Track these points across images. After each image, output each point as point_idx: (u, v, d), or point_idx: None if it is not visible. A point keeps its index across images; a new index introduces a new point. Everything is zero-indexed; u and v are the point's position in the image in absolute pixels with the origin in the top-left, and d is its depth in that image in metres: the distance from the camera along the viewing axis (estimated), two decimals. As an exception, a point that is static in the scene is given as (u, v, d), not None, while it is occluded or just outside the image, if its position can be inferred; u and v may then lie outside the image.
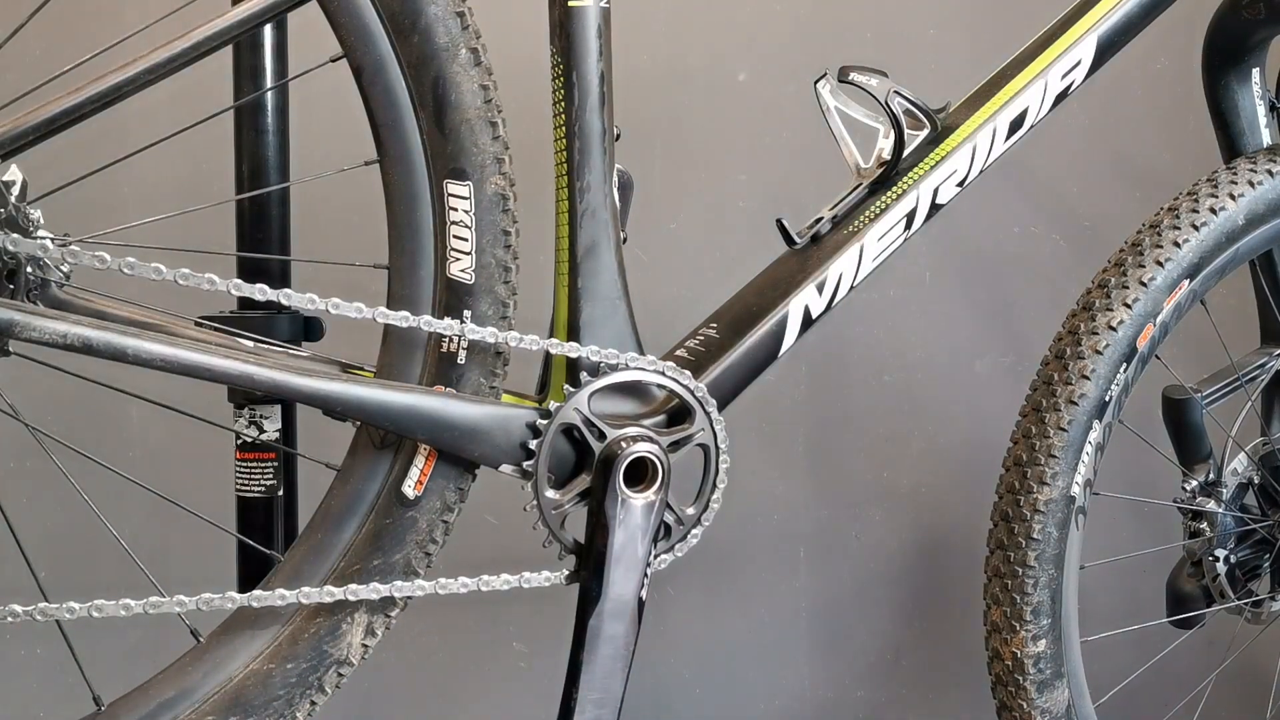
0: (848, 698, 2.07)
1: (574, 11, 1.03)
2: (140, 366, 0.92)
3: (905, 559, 2.07)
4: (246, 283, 0.97)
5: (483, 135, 1.01)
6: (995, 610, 1.30)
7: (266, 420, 1.34)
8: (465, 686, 1.98)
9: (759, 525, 2.01)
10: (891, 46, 1.98)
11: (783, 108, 1.93)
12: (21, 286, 0.96)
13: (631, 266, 1.08)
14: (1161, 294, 1.27)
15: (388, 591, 1.03)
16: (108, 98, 0.94)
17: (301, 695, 1.03)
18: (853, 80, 1.17)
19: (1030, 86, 1.21)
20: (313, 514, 1.06)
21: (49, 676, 1.80)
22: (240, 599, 1.00)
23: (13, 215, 0.95)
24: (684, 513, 1.10)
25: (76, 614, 0.96)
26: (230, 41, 0.99)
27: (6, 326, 0.89)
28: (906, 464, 2.05)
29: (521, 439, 1.04)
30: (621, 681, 1.07)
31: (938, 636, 2.07)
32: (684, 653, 2.01)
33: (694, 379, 1.09)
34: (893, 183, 1.18)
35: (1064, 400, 1.26)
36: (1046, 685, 1.29)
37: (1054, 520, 1.26)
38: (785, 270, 1.17)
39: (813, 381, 2.01)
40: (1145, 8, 1.25)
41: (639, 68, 1.89)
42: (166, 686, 1.02)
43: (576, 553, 1.08)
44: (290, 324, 1.33)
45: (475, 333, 1.01)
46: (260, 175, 1.37)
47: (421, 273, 1.02)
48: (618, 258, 1.07)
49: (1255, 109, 1.42)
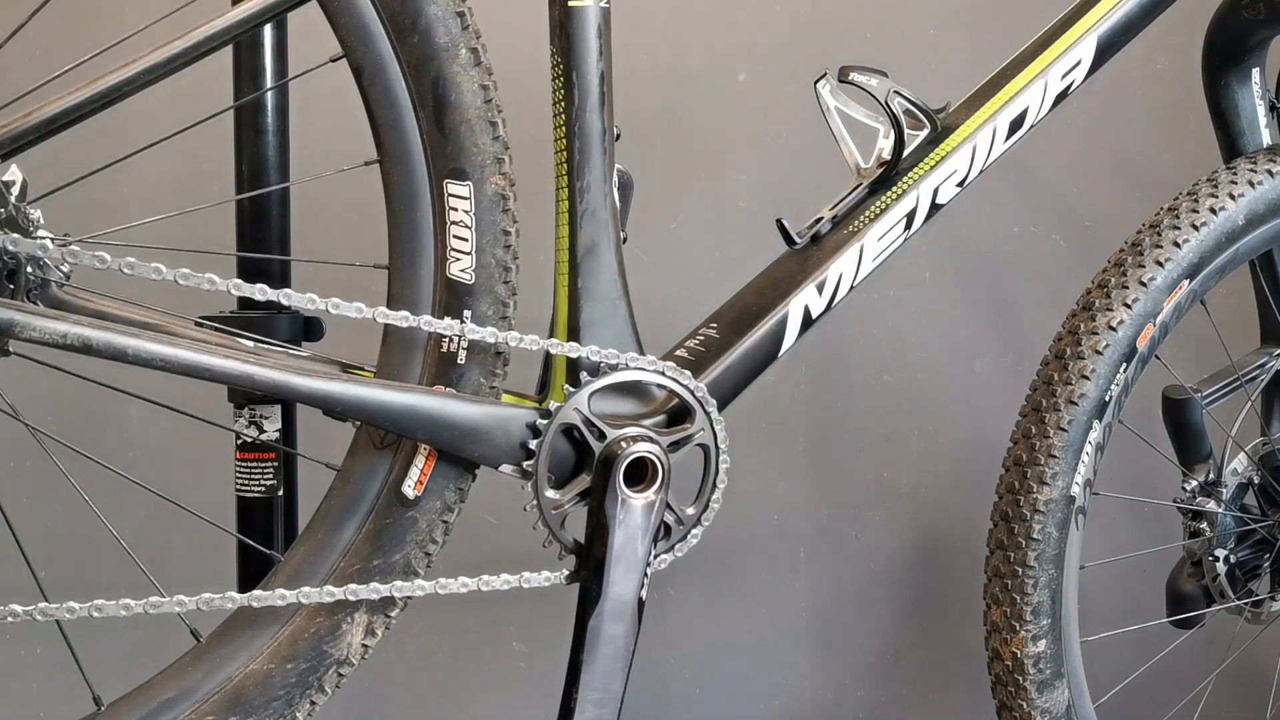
0: (848, 698, 2.07)
1: (574, 11, 1.03)
2: (140, 366, 0.92)
3: (905, 559, 2.07)
4: (247, 283, 0.97)
5: (483, 135, 1.01)
6: (995, 610, 1.30)
7: (266, 420, 1.34)
8: (465, 686, 1.98)
9: (759, 525, 2.01)
10: (891, 46, 1.98)
11: (783, 108, 1.93)
12: (21, 286, 0.96)
13: (631, 266, 1.08)
14: (1161, 294, 1.27)
15: (388, 591, 1.03)
16: (108, 98, 0.94)
17: (301, 695, 1.03)
18: (853, 80, 1.17)
19: (1030, 86, 1.21)
20: (313, 514, 1.06)
21: (49, 676, 1.80)
22: (240, 599, 1.00)
23: (13, 215, 0.95)
24: (684, 513, 1.10)
25: (76, 614, 0.96)
26: (230, 41, 0.99)
27: (6, 326, 0.89)
28: (906, 464, 2.05)
29: (521, 439, 1.04)
30: (621, 681, 1.07)
31: (938, 636, 2.07)
32: (684, 653, 2.01)
33: (694, 379, 1.09)
34: (893, 183, 1.18)
35: (1064, 400, 1.26)
36: (1046, 685, 1.29)
37: (1054, 520, 1.26)
38: (785, 270, 1.17)
39: (813, 381, 2.01)
40: (1145, 8, 1.25)
41: (639, 68, 1.89)
42: (167, 686, 1.02)
43: (576, 553, 1.08)
44: (290, 324, 1.33)
45: (475, 333, 1.01)
46: (260, 175, 1.37)
47: (421, 273, 1.02)
48: (618, 258, 1.07)
49: (1255, 109, 1.43)
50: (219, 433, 1.24)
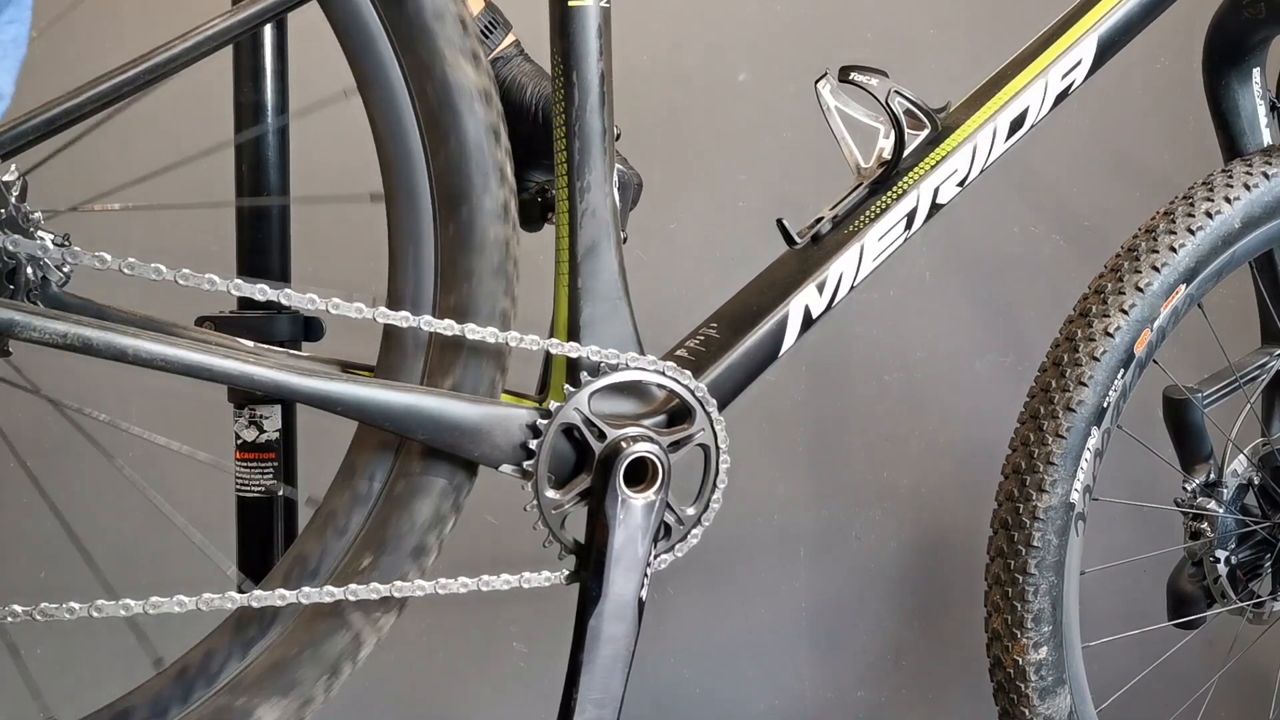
0: (848, 698, 2.07)
1: (574, 11, 1.03)
2: (140, 366, 0.92)
3: (905, 559, 2.07)
4: (247, 282, 0.97)
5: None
6: (996, 618, 1.29)
7: (266, 420, 1.34)
8: (465, 686, 1.98)
9: (759, 525, 2.01)
10: (891, 46, 1.98)
11: (783, 108, 1.93)
12: (21, 287, 0.96)
13: (631, 266, 1.08)
14: (1158, 299, 1.27)
15: (388, 591, 1.03)
16: (108, 98, 0.94)
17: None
18: (853, 80, 1.17)
19: (1031, 86, 1.21)
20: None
21: (49, 677, 1.80)
22: (240, 599, 1.00)
23: (13, 216, 0.95)
24: (684, 513, 1.10)
25: (76, 614, 0.96)
26: (230, 41, 0.98)
27: (6, 326, 0.88)
28: (906, 464, 2.05)
29: (522, 439, 1.04)
30: (621, 682, 1.07)
31: (938, 636, 2.07)
32: (684, 653, 2.01)
33: (694, 379, 1.09)
34: (893, 182, 1.18)
35: (1061, 407, 1.25)
36: (1048, 692, 1.29)
37: (1053, 527, 1.26)
38: (785, 270, 1.17)
39: (813, 381, 2.01)
40: (1145, 8, 1.25)
41: (639, 68, 1.89)
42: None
43: (576, 553, 1.08)
44: (290, 324, 1.33)
45: (475, 333, 1.01)
46: (260, 173, 1.37)
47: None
48: (618, 258, 1.07)
49: (1256, 109, 1.42)
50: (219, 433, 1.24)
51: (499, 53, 1.12)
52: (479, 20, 1.10)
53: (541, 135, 1.09)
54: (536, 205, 1.13)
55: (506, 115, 1.03)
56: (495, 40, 1.11)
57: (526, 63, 1.13)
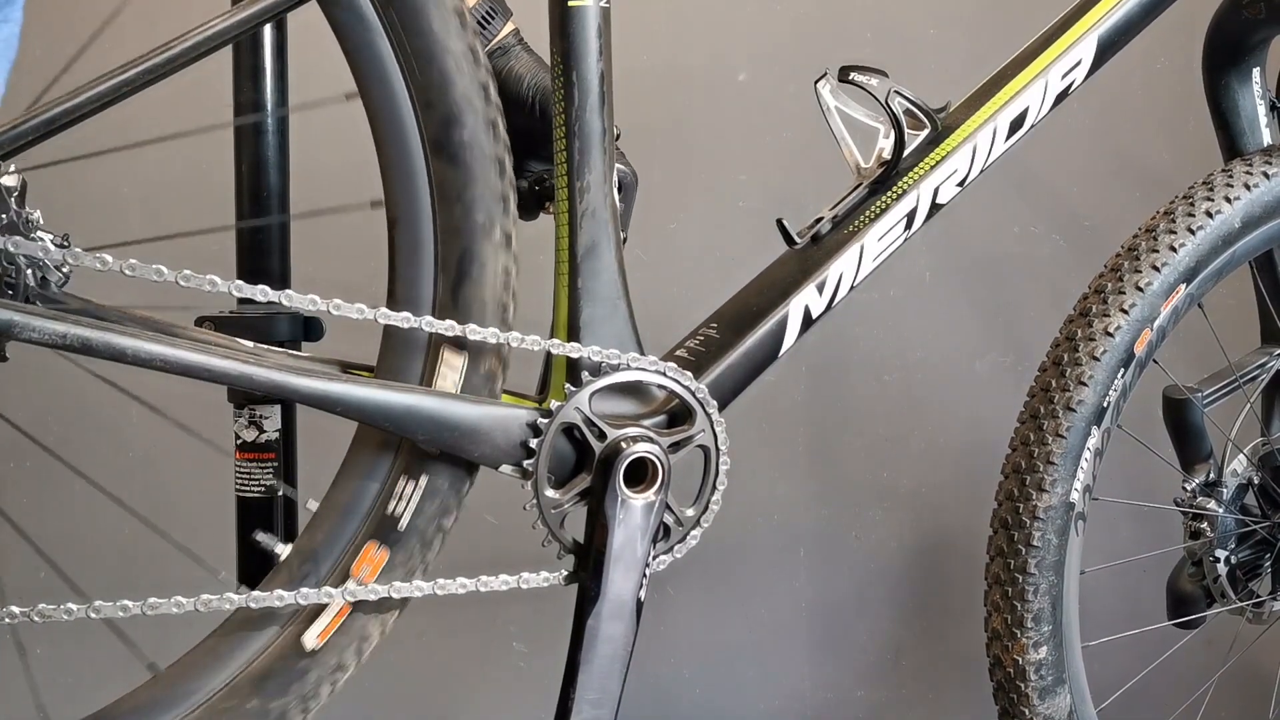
0: (848, 698, 2.07)
1: (574, 11, 1.03)
2: (139, 367, 0.92)
3: (905, 559, 2.07)
4: (248, 284, 0.97)
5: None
6: (996, 617, 1.29)
7: (266, 420, 1.34)
8: (465, 686, 1.98)
9: (759, 525, 2.01)
10: (891, 46, 1.98)
11: (783, 108, 1.93)
12: (21, 288, 0.96)
13: (631, 266, 1.08)
14: (1158, 299, 1.27)
15: (387, 592, 1.03)
16: (108, 98, 0.94)
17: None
18: (853, 80, 1.17)
19: (1031, 86, 1.21)
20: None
21: (50, 677, 1.80)
22: (239, 599, 1.00)
23: (13, 218, 0.95)
24: (683, 514, 1.10)
25: (74, 615, 0.96)
26: (230, 41, 0.98)
27: (6, 327, 0.88)
28: (906, 464, 2.05)
29: (522, 439, 1.04)
30: (619, 681, 1.07)
31: (938, 636, 2.07)
32: (684, 653, 2.01)
33: (694, 379, 1.09)
34: (893, 183, 1.18)
35: (1062, 406, 1.25)
36: (1048, 692, 1.29)
37: (1053, 527, 1.26)
38: (785, 270, 1.17)
39: (813, 381, 2.01)
40: (1145, 7, 1.25)
41: (639, 68, 1.89)
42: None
43: (576, 553, 1.08)
44: (290, 324, 1.33)
45: (476, 333, 1.01)
46: (260, 172, 1.37)
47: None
48: (618, 258, 1.07)
49: (1255, 109, 1.42)
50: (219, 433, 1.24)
51: (498, 42, 1.11)
52: (478, 9, 1.10)
53: (538, 126, 1.09)
54: (533, 194, 1.13)
55: (503, 106, 1.03)
56: (494, 28, 1.11)
57: (525, 53, 1.13)
